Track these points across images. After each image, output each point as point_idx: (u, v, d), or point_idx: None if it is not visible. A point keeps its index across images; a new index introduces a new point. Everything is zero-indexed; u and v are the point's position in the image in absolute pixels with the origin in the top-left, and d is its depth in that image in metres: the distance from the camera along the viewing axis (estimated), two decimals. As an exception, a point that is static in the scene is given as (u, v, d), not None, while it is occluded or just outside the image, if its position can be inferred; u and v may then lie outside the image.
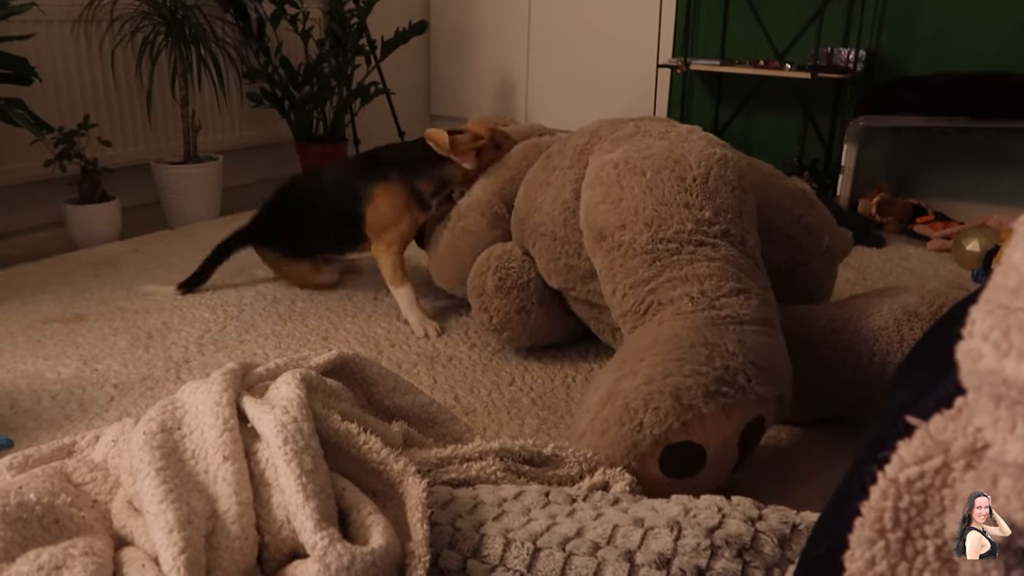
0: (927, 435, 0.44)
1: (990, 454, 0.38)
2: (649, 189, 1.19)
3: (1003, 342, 0.38)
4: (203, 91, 2.67)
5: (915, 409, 0.46)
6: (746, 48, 3.02)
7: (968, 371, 0.40)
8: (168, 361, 1.52)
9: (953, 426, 0.43)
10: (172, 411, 0.84)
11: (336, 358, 1.01)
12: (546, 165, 1.49)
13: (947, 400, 0.44)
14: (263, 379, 0.94)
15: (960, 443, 0.42)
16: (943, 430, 0.43)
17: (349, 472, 0.82)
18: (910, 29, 2.72)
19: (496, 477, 0.86)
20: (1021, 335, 0.37)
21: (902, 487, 0.44)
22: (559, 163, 1.45)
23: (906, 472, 0.44)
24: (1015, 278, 0.39)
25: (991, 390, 0.38)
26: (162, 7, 2.42)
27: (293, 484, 0.72)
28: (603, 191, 1.24)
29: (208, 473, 0.76)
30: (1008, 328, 0.38)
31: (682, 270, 1.14)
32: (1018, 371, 0.36)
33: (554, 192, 1.43)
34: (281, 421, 0.77)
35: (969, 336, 0.40)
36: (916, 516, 0.44)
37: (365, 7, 2.97)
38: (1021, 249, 0.39)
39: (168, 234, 2.38)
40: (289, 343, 1.61)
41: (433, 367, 1.51)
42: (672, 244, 1.15)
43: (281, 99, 2.91)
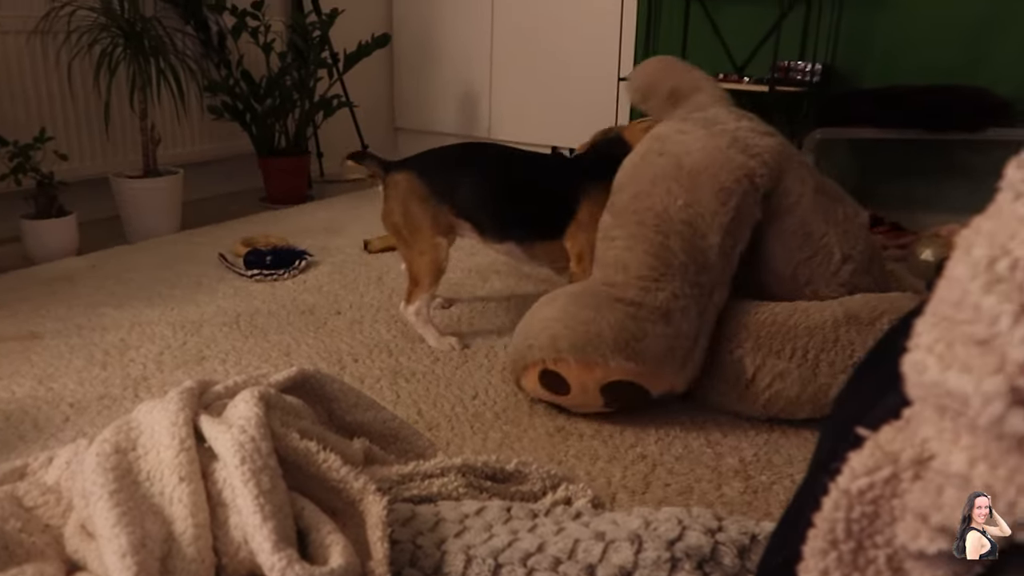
0: (876, 446, 0.45)
1: (935, 465, 0.39)
2: (651, 165, 1.40)
3: (947, 354, 0.38)
4: (163, 104, 2.63)
5: (864, 420, 0.46)
6: (706, 62, 3.06)
7: (913, 383, 0.41)
8: (126, 379, 1.49)
9: (901, 437, 0.44)
10: (127, 431, 0.82)
11: (296, 375, 1.00)
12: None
13: (895, 411, 0.45)
14: (221, 397, 0.92)
15: (908, 454, 0.43)
16: (891, 441, 0.44)
17: (309, 491, 0.81)
18: (864, 43, 2.78)
19: (458, 493, 0.86)
20: (964, 348, 0.38)
21: (853, 498, 0.44)
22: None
23: (857, 483, 0.44)
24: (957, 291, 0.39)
25: (936, 401, 0.39)
26: (120, 19, 2.38)
27: (250, 504, 0.71)
28: (636, 152, 1.48)
29: (163, 495, 0.74)
30: (952, 341, 0.39)
31: (620, 243, 1.35)
32: (961, 383, 0.37)
33: None
34: (238, 440, 0.76)
35: (914, 348, 0.41)
36: (867, 526, 0.45)
37: (327, 20, 2.96)
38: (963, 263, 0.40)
39: (127, 249, 2.34)
40: (250, 359, 1.59)
41: (396, 382, 1.50)
42: (635, 216, 1.36)
43: (243, 112, 2.88)
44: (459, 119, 3.66)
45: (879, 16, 2.73)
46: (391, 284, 2.04)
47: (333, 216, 2.74)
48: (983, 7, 2.56)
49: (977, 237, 0.39)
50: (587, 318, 1.29)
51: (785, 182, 1.41)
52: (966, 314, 0.38)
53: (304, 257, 2.18)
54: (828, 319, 1.31)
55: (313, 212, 2.81)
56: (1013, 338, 0.34)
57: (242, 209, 2.87)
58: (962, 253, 0.40)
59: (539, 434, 1.32)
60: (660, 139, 1.45)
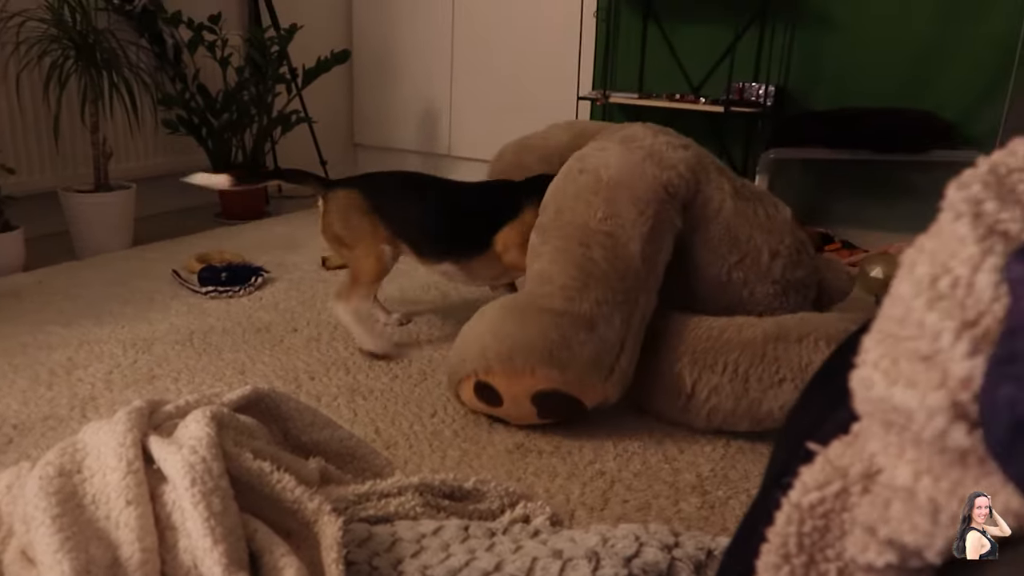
0: (827, 460, 0.45)
1: (882, 479, 0.40)
2: (572, 182, 1.45)
3: (892, 370, 0.39)
4: (115, 117, 2.58)
5: (815, 435, 0.47)
6: (663, 82, 3.12)
7: (861, 398, 0.42)
8: (73, 399, 1.45)
9: (850, 452, 0.45)
10: (72, 453, 0.80)
11: (251, 393, 0.98)
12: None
13: (844, 426, 0.45)
14: (172, 417, 0.90)
15: (857, 468, 0.44)
16: (841, 455, 0.45)
17: (262, 512, 0.79)
18: (816, 67, 2.86)
19: (415, 512, 0.85)
20: (909, 363, 0.38)
21: (805, 512, 0.45)
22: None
23: (808, 497, 0.45)
24: (901, 308, 0.40)
25: (882, 416, 0.40)
26: (72, 31, 2.34)
27: (201, 527, 0.69)
28: (561, 173, 1.52)
29: (109, 519, 0.72)
30: (897, 357, 0.39)
31: (546, 257, 1.39)
32: (905, 398, 0.38)
33: None
34: (189, 461, 0.74)
35: (862, 364, 0.42)
36: (819, 540, 0.45)
37: (286, 35, 2.94)
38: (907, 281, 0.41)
39: (75, 265, 2.28)
40: (204, 378, 1.56)
41: (353, 400, 1.48)
42: (559, 231, 1.40)
43: (198, 126, 2.84)
44: (419, 136, 3.66)
45: (829, 40, 2.81)
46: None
47: (290, 232, 2.71)
48: (929, 34, 2.65)
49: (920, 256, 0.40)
50: (514, 329, 1.31)
51: (704, 192, 1.47)
52: (910, 330, 0.38)
53: (260, 274, 2.15)
54: (758, 335, 1.34)
55: (270, 228, 2.78)
56: (954, 354, 0.35)
57: (197, 225, 2.82)
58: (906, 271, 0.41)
59: (498, 451, 1.31)
60: (581, 158, 1.51)
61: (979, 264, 0.36)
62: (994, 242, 0.37)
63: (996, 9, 2.55)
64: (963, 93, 2.64)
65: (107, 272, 2.21)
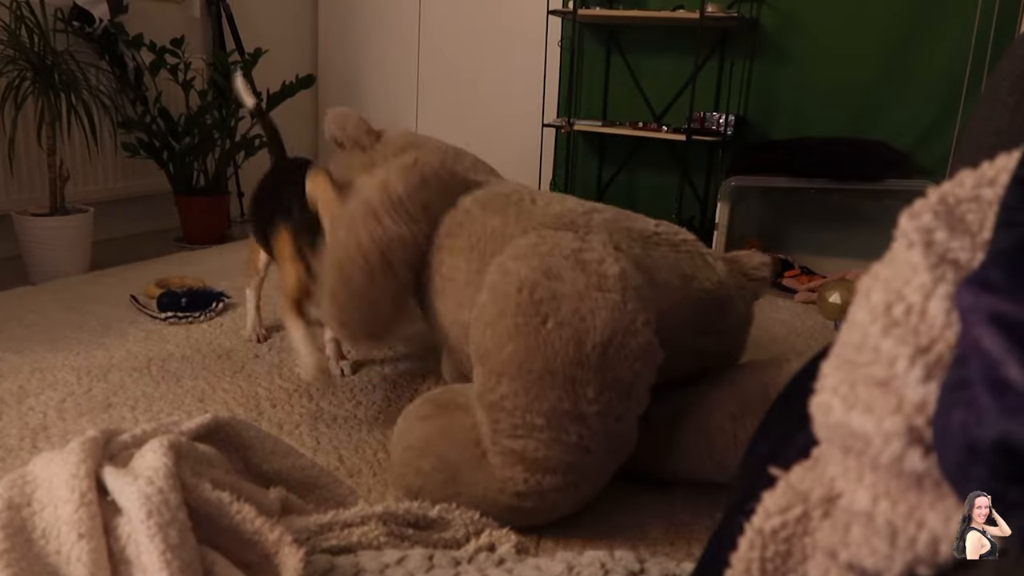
0: (788, 485, 0.46)
1: (842, 503, 0.40)
2: (543, 345, 1.09)
3: (850, 395, 0.40)
4: (74, 140, 2.53)
5: (777, 460, 0.48)
6: (626, 110, 3.17)
7: (820, 423, 0.42)
8: (23, 429, 1.40)
9: (811, 476, 0.45)
10: (22, 486, 0.77)
11: (210, 421, 0.96)
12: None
13: (804, 451, 0.46)
14: (128, 447, 0.88)
15: (818, 492, 0.44)
16: (802, 480, 0.45)
17: (221, 544, 0.77)
18: (774, 97, 2.93)
19: (379, 542, 0.84)
20: (866, 389, 0.39)
21: (767, 537, 0.45)
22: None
23: (770, 522, 0.45)
24: (858, 335, 0.41)
25: (841, 441, 0.40)
26: (30, 52, 2.30)
27: (156, 561, 0.67)
28: (495, 314, 1.14)
29: (60, 553, 0.69)
30: (854, 382, 0.40)
31: (517, 447, 1.10)
32: (863, 423, 0.38)
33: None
34: (145, 493, 0.72)
35: (821, 390, 0.43)
36: (781, 565, 0.45)
37: (250, 59, 2.93)
38: (863, 308, 0.42)
39: (29, 290, 2.22)
40: (162, 406, 1.52)
41: (316, 427, 1.46)
42: (539, 420, 1.08)
43: (160, 150, 2.81)
44: (384, 161, 3.66)
45: (786, 72, 2.88)
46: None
47: (253, 257, 2.67)
48: (880, 67, 2.74)
49: (875, 283, 0.41)
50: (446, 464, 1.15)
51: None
52: (867, 356, 0.39)
53: (221, 299, 2.11)
54: (726, 422, 1.24)
55: (232, 252, 2.74)
56: (909, 380, 0.36)
57: (156, 249, 2.78)
58: (862, 298, 0.42)
59: (463, 479, 1.30)
60: (533, 289, 1.14)
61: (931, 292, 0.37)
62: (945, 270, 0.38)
63: (943, 43, 2.64)
64: (914, 123, 2.72)
65: (62, 297, 2.15)
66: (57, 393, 1.55)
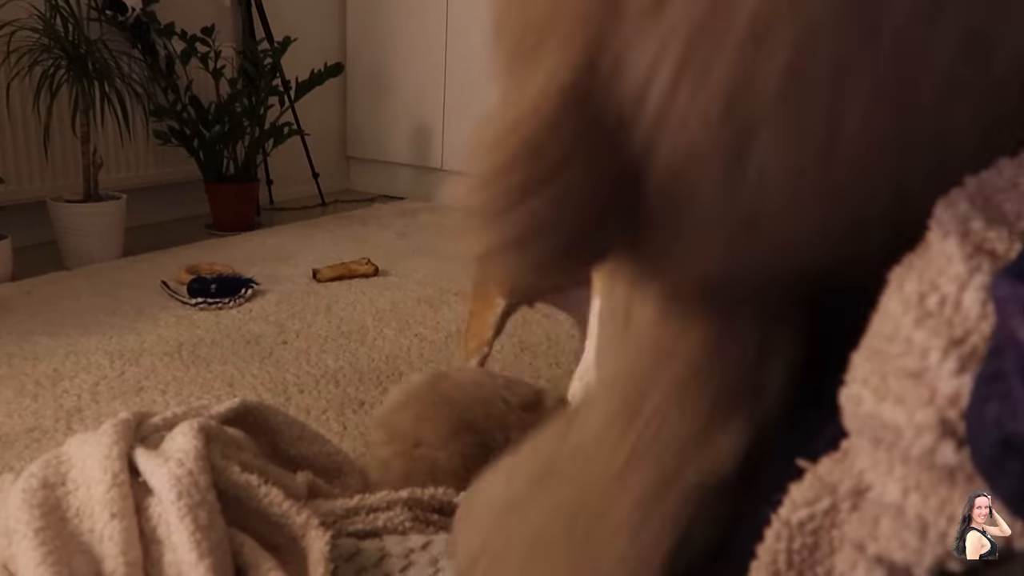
0: (816, 477, 0.45)
1: (871, 496, 0.40)
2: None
3: (881, 387, 0.39)
4: (107, 128, 2.57)
5: (805, 452, 0.47)
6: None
7: (850, 415, 0.42)
8: (58, 411, 1.43)
9: (839, 468, 0.45)
10: (56, 466, 0.79)
11: (239, 406, 0.97)
12: None
13: (833, 442, 0.45)
14: (159, 429, 0.89)
15: (846, 485, 0.44)
16: (830, 472, 0.45)
17: (249, 526, 0.78)
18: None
19: (404, 527, 0.84)
20: (897, 380, 0.39)
21: (794, 529, 0.45)
22: None
23: (797, 514, 0.45)
24: (890, 325, 0.41)
25: (871, 433, 0.40)
26: (64, 41, 2.33)
27: (187, 541, 0.68)
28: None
29: (93, 532, 0.71)
30: (886, 373, 0.40)
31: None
32: (894, 415, 0.38)
33: None
34: (175, 474, 0.73)
35: (851, 381, 0.42)
36: (808, 557, 0.45)
37: (280, 47, 2.95)
38: (895, 298, 0.41)
39: (64, 275, 2.27)
40: (192, 390, 1.55)
41: (343, 413, 1.47)
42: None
43: (190, 137, 2.84)
44: (412, 149, 3.67)
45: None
46: (340, 313, 2.02)
47: (282, 244, 2.70)
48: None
49: (909, 273, 0.40)
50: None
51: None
52: (899, 347, 0.39)
53: (250, 285, 2.14)
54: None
55: (261, 239, 2.77)
56: (942, 372, 0.36)
57: (187, 235, 2.81)
58: (895, 288, 0.41)
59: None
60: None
61: (966, 283, 0.37)
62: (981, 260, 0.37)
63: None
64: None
65: (96, 282, 2.19)
66: (91, 376, 1.58)
